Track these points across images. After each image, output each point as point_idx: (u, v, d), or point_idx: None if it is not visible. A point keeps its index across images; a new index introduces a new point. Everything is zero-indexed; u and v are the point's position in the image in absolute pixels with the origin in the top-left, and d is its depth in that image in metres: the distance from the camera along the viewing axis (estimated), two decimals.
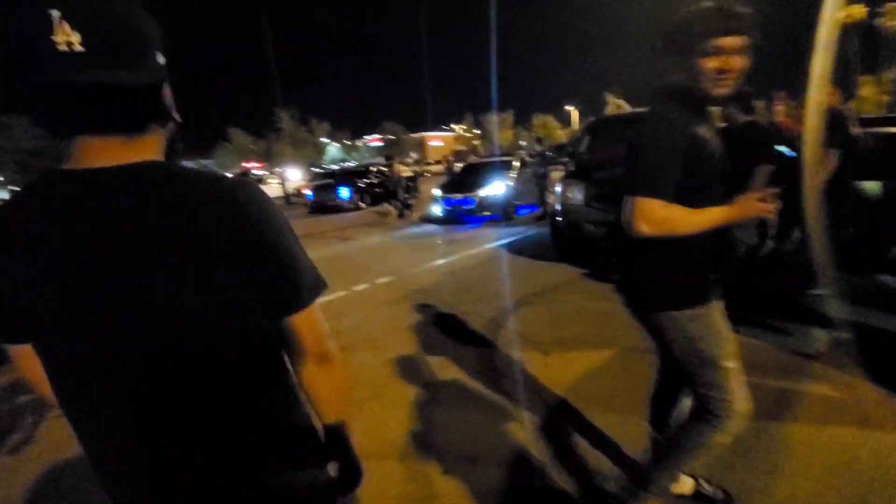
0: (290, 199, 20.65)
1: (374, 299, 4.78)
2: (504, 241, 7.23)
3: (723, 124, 3.81)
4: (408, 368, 3.11)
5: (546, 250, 6.02)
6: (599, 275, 4.76)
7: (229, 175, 0.75)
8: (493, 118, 60.28)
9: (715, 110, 1.41)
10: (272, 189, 25.13)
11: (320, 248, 8.36)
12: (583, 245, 5.18)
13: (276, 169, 31.13)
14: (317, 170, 32.80)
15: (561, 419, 2.38)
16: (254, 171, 42.08)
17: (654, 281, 1.45)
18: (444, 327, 3.79)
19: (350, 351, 3.51)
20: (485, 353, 3.23)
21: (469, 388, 2.78)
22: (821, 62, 1.15)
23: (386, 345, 3.55)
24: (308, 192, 15.75)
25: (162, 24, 0.69)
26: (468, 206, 9.28)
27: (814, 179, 1.52)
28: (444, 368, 3.06)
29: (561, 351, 3.14)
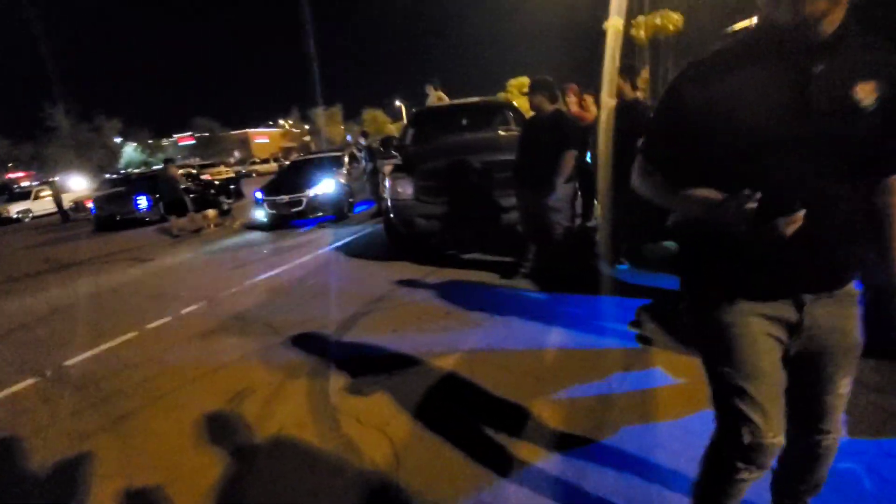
0: (69, 214, 16.33)
1: (176, 337, 3.81)
2: (339, 244, 6.66)
3: (531, 113, 3.93)
4: (215, 430, 2.42)
5: (383, 249, 5.68)
6: (437, 271, 4.60)
7: None
8: (319, 112, 57.85)
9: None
10: (43, 203, 19.72)
11: (105, 274, 6.61)
12: (417, 241, 4.97)
13: (55, 178, 24.59)
14: (111, 176, 26.81)
15: (408, 454, 2.03)
16: (22, 183, 32.41)
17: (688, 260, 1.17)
18: (268, 361, 3.13)
19: (134, 418, 2.63)
20: (318, 386, 2.71)
21: (297, 441, 2.24)
22: (609, 64, 1.05)
23: (187, 401, 2.76)
24: (91, 204, 12.66)
25: None
26: (296, 209, 8.40)
27: (605, 167, 1.40)
28: (266, 419, 2.45)
29: (405, 366, 2.80)
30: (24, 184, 29.60)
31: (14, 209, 19.60)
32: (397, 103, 60.33)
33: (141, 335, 3.95)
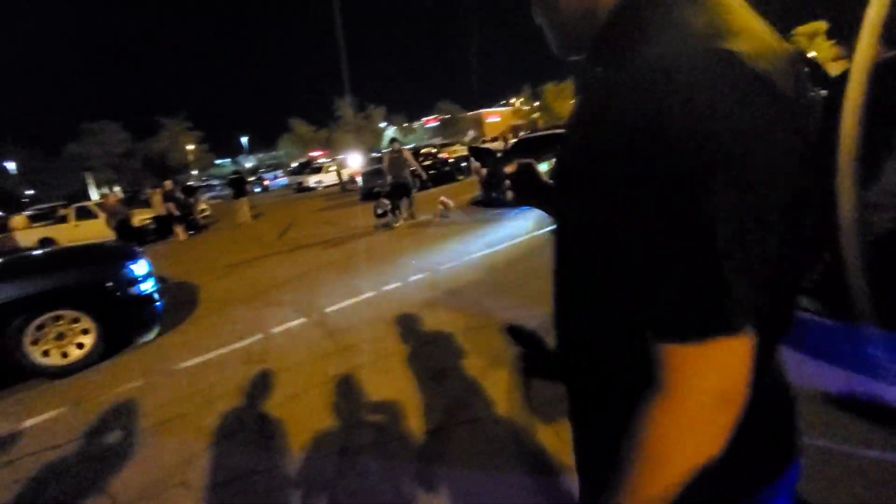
0: (345, 186, 20.73)
1: (402, 302, 4.24)
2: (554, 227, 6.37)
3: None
4: (419, 402, 2.53)
5: None
6: None
7: None
8: (548, 88, 57.32)
9: None
10: (330, 176, 25.54)
11: (363, 239, 8.01)
12: None
13: (339, 156, 31.96)
14: (374, 154, 32.98)
15: None
16: (319, 160, 43.74)
17: None
18: (475, 342, 3.15)
19: (361, 371, 2.99)
20: (517, 385, 2.56)
21: (491, 438, 2.13)
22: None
23: (400, 367, 2.98)
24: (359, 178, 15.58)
25: (227, 22, 0.12)
26: None
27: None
28: (463, 404, 2.43)
29: None
30: (320, 161, 39.53)
31: (312, 180, 26.10)
32: None
33: (377, 296, 4.55)
